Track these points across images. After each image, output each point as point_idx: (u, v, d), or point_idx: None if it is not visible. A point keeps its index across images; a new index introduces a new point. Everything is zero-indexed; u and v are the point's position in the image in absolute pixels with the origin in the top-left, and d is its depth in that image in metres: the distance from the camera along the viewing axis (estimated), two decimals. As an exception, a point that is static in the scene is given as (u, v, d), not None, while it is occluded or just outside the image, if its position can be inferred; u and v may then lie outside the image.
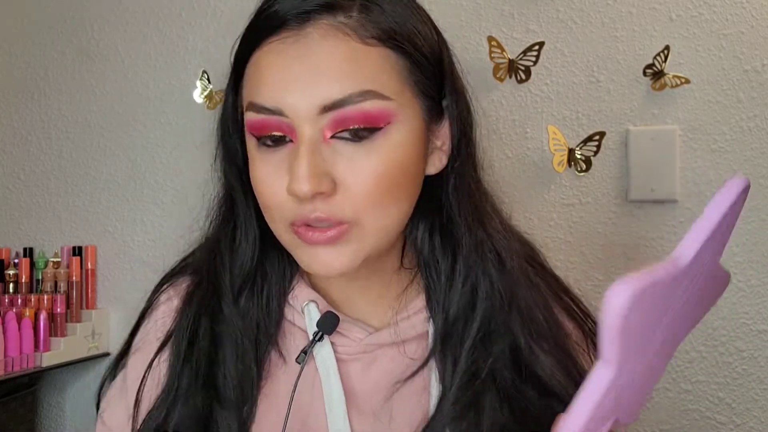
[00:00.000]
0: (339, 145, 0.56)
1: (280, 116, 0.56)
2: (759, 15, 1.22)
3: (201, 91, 1.47)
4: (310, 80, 0.55)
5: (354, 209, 0.56)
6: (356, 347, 0.65)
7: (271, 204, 0.59)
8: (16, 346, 1.31)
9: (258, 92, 0.57)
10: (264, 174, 0.59)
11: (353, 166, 0.56)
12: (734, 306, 1.23)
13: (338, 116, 0.55)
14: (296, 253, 0.60)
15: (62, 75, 1.60)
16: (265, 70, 0.57)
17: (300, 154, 0.55)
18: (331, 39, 0.56)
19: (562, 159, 1.26)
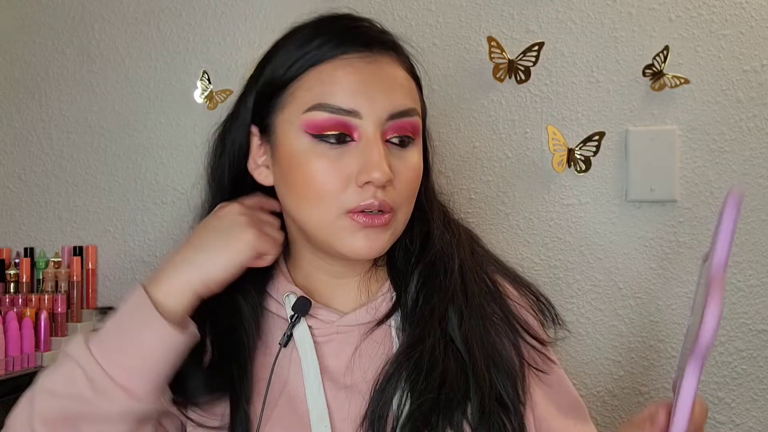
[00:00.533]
0: (390, 148, 0.71)
1: (353, 117, 0.69)
2: (758, 15, 1.22)
3: (201, 91, 1.48)
4: (384, 92, 0.70)
5: (399, 200, 0.71)
6: (330, 329, 0.76)
7: (329, 193, 0.69)
8: (16, 346, 1.31)
9: (334, 95, 0.69)
10: (323, 165, 0.69)
11: (400, 165, 0.71)
12: (733, 306, 1.23)
13: (397, 124, 0.71)
14: (341, 237, 0.70)
15: (63, 75, 1.60)
16: (343, 78, 0.70)
17: (375, 147, 0.69)
18: (393, 66, 0.73)
19: (562, 159, 1.27)
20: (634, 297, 1.27)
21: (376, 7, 1.39)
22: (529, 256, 1.31)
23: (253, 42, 1.47)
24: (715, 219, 1.29)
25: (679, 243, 1.25)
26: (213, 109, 1.47)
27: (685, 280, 1.25)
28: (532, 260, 1.31)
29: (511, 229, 1.32)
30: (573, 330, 1.29)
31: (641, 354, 1.27)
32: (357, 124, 0.69)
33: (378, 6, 1.39)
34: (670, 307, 1.25)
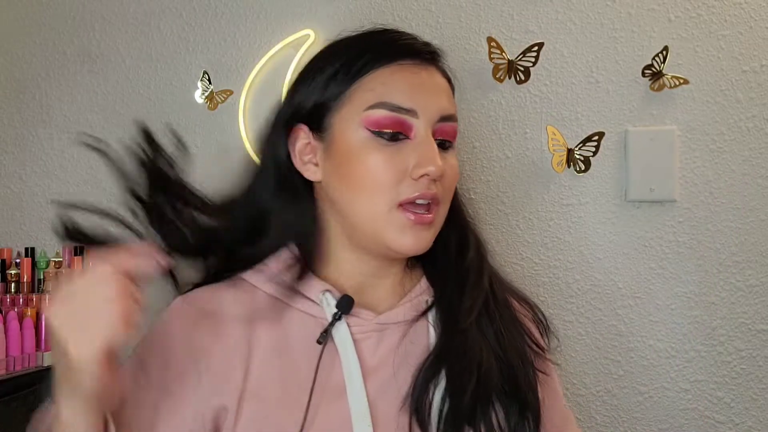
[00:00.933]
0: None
1: (410, 116, 0.74)
2: (757, 16, 1.22)
3: (202, 91, 1.48)
4: (436, 95, 0.77)
5: (445, 196, 0.77)
6: (368, 326, 0.77)
7: (387, 183, 0.73)
8: (17, 346, 1.31)
9: (394, 95, 0.75)
10: (380, 158, 0.74)
11: (446, 162, 0.76)
12: (733, 305, 1.23)
13: (444, 127, 0.77)
14: (391, 231, 0.74)
15: (63, 75, 1.61)
16: (401, 81, 0.76)
17: (431, 144, 0.74)
18: (437, 74, 0.79)
19: (562, 159, 1.27)
20: (634, 297, 1.27)
21: (377, 8, 1.39)
22: (529, 256, 1.31)
23: (253, 42, 1.47)
24: (715, 219, 1.30)
25: (678, 243, 1.25)
26: (213, 110, 1.47)
27: (685, 280, 1.25)
28: (532, 260, 1.31)
29: (511, 229, 1.32)
30: (573, 330, 1.30)
31: (641, 354, 1.27)
32: (413, 122, 0.75)
33: (378, 6, 1.39)
34: (670, 307, 1.26)
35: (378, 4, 1.39)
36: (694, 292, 1.25)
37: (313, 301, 0.77)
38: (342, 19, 1.41)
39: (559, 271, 1.31)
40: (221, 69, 1.49)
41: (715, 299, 1.24)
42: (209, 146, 1.49)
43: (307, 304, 0.78)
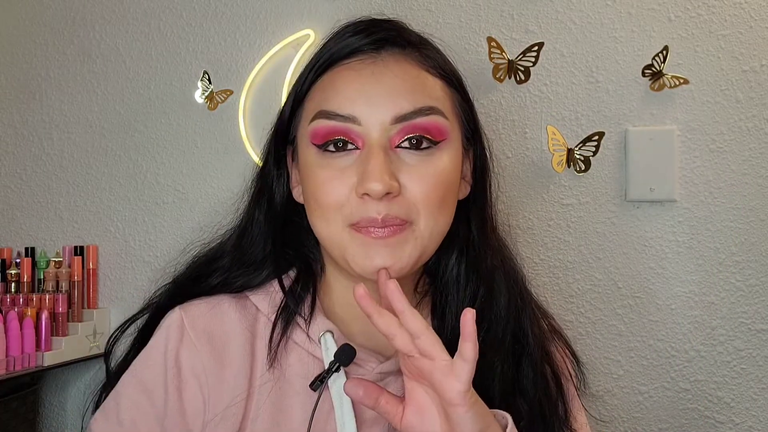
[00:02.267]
0: (402, 154, 0.65)
1: (352, 123, 0.64)
2: (757, 15, 1.22)
3: (202, 91, 1.48)
4: (385, 93, 0.65)
5: (414, 210, 0.65)
6: (370, 376, 0.69)
7: (332, 204, 0.65)
8: (17, 346, 1.31)
9: (330, 101, 0.65)
10: (326, 177, 0.65)
11: (415, 171, 0.65)
12: (733, 305, 1.23)
13: (408, 125, 0.64)
14: (353, 253, 0.65)
15: (63, 75, 1.61)
16: (340, 84, 0.66)
17: (373, 156, 0.63)
18: (402, 63, 0.67)
19: (562, 159, 1.27)
20: (634, 297, 1.27)
21: (377, 8, 1.39)
22: (529, 256, 1.31)
23: (253, 42, 1.47)
24: (715, 219, 1.30)
25: (678, 243, 1.25)
26: (213, 110, 1.48)
27: (685, 280, 1.25)
28: (532, 260, 1.31)
29: (510, 229, 1.32)
30: (573, 330, 1.30)
31: (641, 354, 1.27)
32: (358, 131, 0.64)
33: (378, 6, 1.39)
34: (670, 307, 1.26)
35: (378, 4, 1.39)
36: (694, 291, 1.25)
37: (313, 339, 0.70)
38: (342, 20, 1.40)
39: (559, 271, 1.31)
40: (221, 69, 1.49)
41: (715, 299, 1.24)
42: (209, 146, 1.49)
43: (307, 341, 0.70)
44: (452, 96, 0.70)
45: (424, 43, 0.71)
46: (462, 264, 0.72)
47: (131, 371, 0.72)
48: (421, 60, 0.69)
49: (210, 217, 0.81)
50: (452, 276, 0.73)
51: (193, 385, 0.68)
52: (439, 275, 0.73)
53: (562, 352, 0.80)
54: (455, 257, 0.73)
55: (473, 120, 0.74)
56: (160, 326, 0.72)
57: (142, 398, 0.69)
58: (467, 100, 0.73)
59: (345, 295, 0.72)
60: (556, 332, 0.81)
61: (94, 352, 1.49)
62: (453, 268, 0.73)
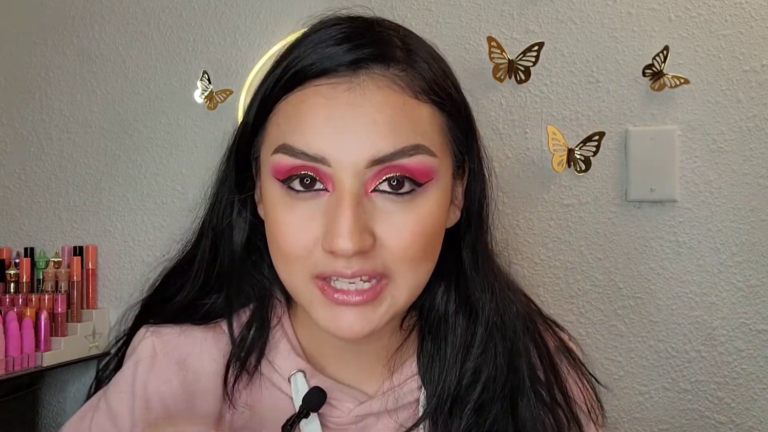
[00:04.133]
0: (379, 200, 0.55)
1: (320, 164, 0.54)
2: (758, 15, 1.22)
3: (201, 91, 1.48)
4: (362, 131, 0.53)
5: (391, 265, 0.56)
6: (346, 418, 0.63)
7: (295, 254, 0.56)
8: (17, 346, 1.31)
9: (295, 135, 0.55)
10: (290, 221, 0.56)
11: (393, 221, 0.55)
12: (733, 306, 1.23)
13: (386, 168, 0.54)
14: (318, 310, 0.57)
15: (63, 75, 1.61)
16: (307, 115, 0.55)
17: (343, 208, 0.53)
18: (385, 90, 0.55)
19: (562, 159, 1.27)
20: (635, 297, 1.27)
21: (377, 8, 1.39)
22: (530, 256, 1.31)
23: (253, 42, 1.47)
24: (715, 219, 1.30)
25: (679, 243, 1.25)
26: (213, 109, 1.47)
27: (685, 280, 1.25)
28: (533, 260, 1.31)
29: (511, 229, 1.32)
30: (573, 330, 1.29)
31: (642, 354, 1.27)
32: (328, 172, 0.54)
33: (378, 6, 1.39)
34: (670, 307, 1.25)
35: (378, 4, 1.39)
36: (695, 292, 1.25)
37: (284, 378, 0.64)
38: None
39: (559, 271, 1.30)
40: (221, 69, 1.49)
41: (716, 299, 1.24)
42: (209, 146, 1.49)
43: (279, 379, 0.64)
44: (443, 123, 0.59)
45: (412, 56, 0.58)
46: (451, 302, 0.64)
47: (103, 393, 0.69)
48: (408, 82, 0.56)
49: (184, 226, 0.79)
50: (440, 315, 0.64)
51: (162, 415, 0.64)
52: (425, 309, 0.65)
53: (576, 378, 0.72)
54: (442, 291, 0.64)
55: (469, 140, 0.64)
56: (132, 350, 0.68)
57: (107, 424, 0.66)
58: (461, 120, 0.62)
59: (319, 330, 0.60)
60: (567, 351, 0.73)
61: (93, 352, 1.49)
62: (440, 306, 0.64)
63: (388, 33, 0.59)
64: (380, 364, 0.65)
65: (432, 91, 0.57)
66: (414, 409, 0.64)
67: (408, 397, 0.64)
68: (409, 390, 0.64)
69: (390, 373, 0.64)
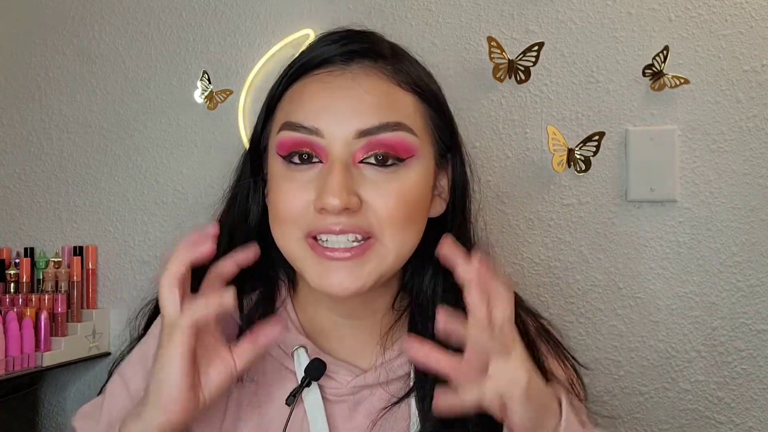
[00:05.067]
0: (366, 170, 0.64)
1: (315, 136, 0.63)
2: (758, 15, 1.22)
3: (201, 91, 1.48)
4: (351, 107, 0.63)
5: (377, 227, 0.63)
6: (343, 389, 0.70)
7: (289, 216, 0.64)
8: (17, 346, 1.31)
9: (296, 113, 0.64)
10: (287, 189, 0.64)
11: (378, 188, 0.63)
12: (733, 306, 1.23)
13: (373, 141, 0.63)
14: (309, 268, 0.64)
15: (63, 75, 1.61)
16: (306, 96, 0.65)
17: (333, 171, 0.62)
18: (372, 77, 0.65)
19: (562, 159, 1.27)
20: (635, 297, 1.27)
21: (377, 8, 1.39)
22: (529, 256, 1.31)
23: (253, 42, 1.47)
24: (716, 219, 1.30)
25: (679, 243, 1.25)
26: (213, 109, 1.47)
27: (685, 280, 1.25)
28: (533, 260, 1.31)
29: (511, 229, 1.32)
30: (573, 330, 1.29)
31: (641, 354, 1.27)
32: (322, 143, 0.63)
33: (378, 6, 1.39)
34: (670, 307, 1.25)
35: (378, 4, 1.39)
36: (695, 292, 1.25)
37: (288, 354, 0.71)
38: (342, 19, 1.41)
39: (559, 271, 1.30)
40: (221, 69, 1.49)
41: (716, 299, 1.24)
42: (209, 146, 1.49)
43: (283, 356, 0.71)
44: (425, 112, 0.68)
45: (398, 56, 0.69)
46: (439, 284, 0.71)
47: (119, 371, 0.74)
48: (393, 74, 0.66)
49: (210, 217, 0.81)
50: (428, 297, 0.71)
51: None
52: (414, 294, 0.72)
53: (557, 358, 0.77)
54: (430, 275, 0.71)
55: (451, 135, 0.72)
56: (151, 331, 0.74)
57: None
58: (443, 115, 0.71)
59: (316, 308, 0.72)
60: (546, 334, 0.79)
61: (93, 352, 1.49)
62: (428, 288, 0.71)
63: (380, 38, 0.70)
64: (373, 341, 0.72)
65: (415, 83, 0.67)
66: (405, 382, 0.71)
67: (399, 371, 0.70)
68: (399, 364, 0.71)
69: (383, 350, 0.71)
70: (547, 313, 1.26)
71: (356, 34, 0.69)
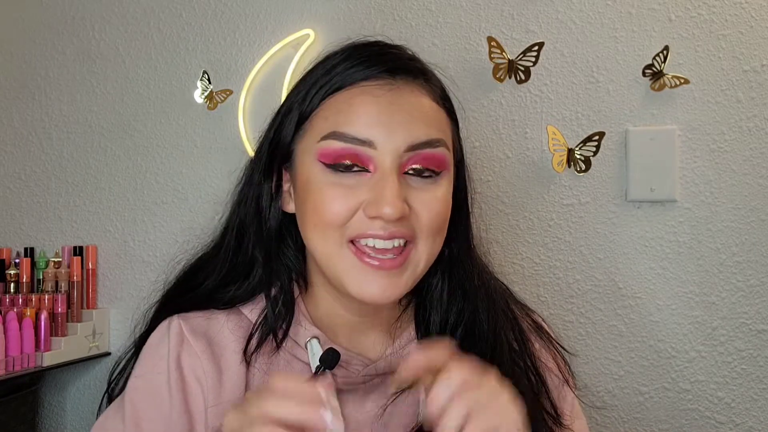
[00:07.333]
0: (410, 179, 0.67)
1: (367, 147, 0.66)
2: (758, 15, 1.22)
3: (201, 91, 1.48)
4: (403, 122, 0.66)
5: (419, 231, 0.67)
6: (355, 378, 0.72)
7: (335, 221, 0.66)
8: (17, 346, 1.31)
9: (348, 124, 0.66)
10: (333, 194, 0.66)
11: (422, 196, 0.67)
12: (733, 306, 1.23)
13: (418, 156, 0.67)
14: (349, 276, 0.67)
15: (63, 75, 1.61)
16: (358, 107, 0.67)
17: (389, 181, 0.65)
18: (416, 93, 0.69)
19: (562, 159, 1.27)
20: (635, 297, 1.27)
21: (377, 7, 1.39)
22: (529, 256, 1.31)
23: (253, 42, 1.47)
24: (715, 219, 1.30)
25: (679, 243, 1.25)
26: (213, 109, 1.47)
27: (685, 280, 1.25)
28: (532, 260, 1.31)
29: (511, 229, 1.32)
30: (573, 330, 1.29)
31: (641, 354, 1.27)
32: (372, 155, 0.66)
33: (378, 6, 1.39)
34: (670, 307, 1.25)
35: (378, 4, 1.39)
36: (695, 292, 1.25)
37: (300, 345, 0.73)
38: (342, 19, 1.41)
39: (559, 271, 1.30)
40: (221, 69, 1.49)
41: (716, 299, 1.24)
42: (209, 146, 1.49)
43: (295, 347, 0.73)
44: (452, 127, 0.73)
45: (427, 72, 0.73)
46: (446, 284, 0.75)
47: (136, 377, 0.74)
48: (430, 90, 0.71)
49: (209, 216, 0.81)
50: (436, 294, 0.75)
51: (195, 387, 0.71)
52: (422, 291, 0.76)
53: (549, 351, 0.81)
54: (438, 276, 0.75)
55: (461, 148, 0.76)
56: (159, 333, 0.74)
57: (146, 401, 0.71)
58: (458, 129, 0.75)
59: (331, 306, 0.74)
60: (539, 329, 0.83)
61: (93, 352, 1.49)
62: (437, 287, 0.75)
63: (408, 53, 0.73)
64: (382, 334, 0.75)
65: (445, 99, 0.73)
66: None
67: None
68: (408, 352, 0.73)
69: (392, 340, 0.75)
70: (547, 313, 1.27)
71: (392, 48, 0.72)
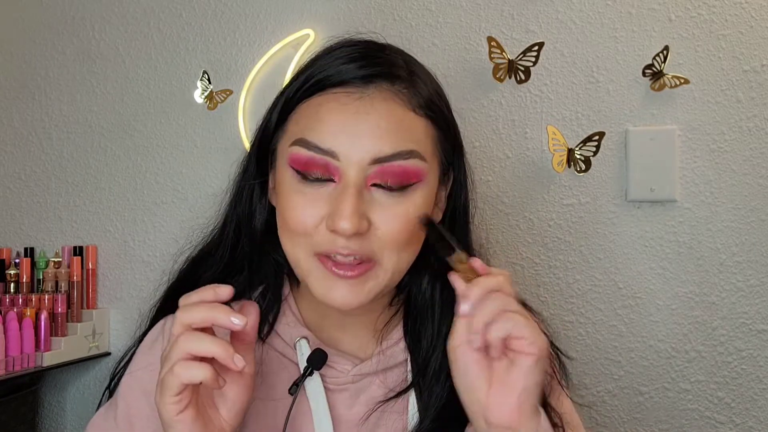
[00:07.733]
0: (376, 193, 0.65)
1: (330, 158, 0.64)
2: (758, 15, 1.22)
3: (201, 91, 1.48)
4: (367, 133, 0.64)
5: (380, 249, 0.66)
6: (344, 378, 0.73)
7: (301, 231, 0.66)
8: (17, 346, 1.31)
9: (312, 131, 0.65)
10: (298, 203, 0.66)
11: (386, 212, 0.65)
12: (733, 306, 1.23)
13: (384, 169, 0.64)
14: (315, 281, 0.67)
15: (63, 75, 1.61)
16: (325, 115, 0.65)
17: (347, 195, 0.63)
18: (389, 102, 0.66)
19: (562, 159, 1.27)
20: (635, 297, 1.27)
21: (377, 7, 1.39)
22: (529, 256, 1.31)
23: (253, 42, 1.47)
24: (715, 219, 1.30)
25: (679, 243, 1.25)
26: (213, 109, 1.47)
27: (685, 280, 1.25)
28: (532, 260, 1.31)
29: (511, 229, 1.32)
30: (573, 330, 1.29)
31: (641, 354, 1.27)
32: (336, 165, 0.64)
33: (378, 6, 1.39)
34: (671, 307, 1.25)
35: (378, 4, 1.39)
36: (695, 292, 1.25)
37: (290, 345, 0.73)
38: (342, 19, 1.41)
39: (559, 271, 1.30)
40: (221, 69, 1.49)
41: (716, 299, 1.24)
42: (209, 146, 1.49)
43: (284, 346, 0.74)
44: (434, 135, 0.69)
45: (414, 75, 0.69)
46: (436, 289, 0.74)
47: (130, 373, 0.74)
48: (409, 98, 0.67)
49: (209, 216, 0.82)
50: (426, 299, 0.74)
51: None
52: (412, 295, 0.76)
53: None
54: (427, 281, 0.74)
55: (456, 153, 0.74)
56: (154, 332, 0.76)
57: (140, 400, 0.71)
58: (449, 135, 0.72)
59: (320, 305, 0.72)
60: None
61: (93, 352, 1.49)
62: (426, 292, 0.75)
63: (395, 56, 0.70)
64: (371, 334, 0.75)
65: (428, 107, 0.68)
66: (402, 371, 0.74)
67: (397, 358, 0.74)
68: (397, 352, 0.74)
69: (380, 340, 0.75)
70: (547, 313, 1.27)
71: (375, 51, 0.69)
